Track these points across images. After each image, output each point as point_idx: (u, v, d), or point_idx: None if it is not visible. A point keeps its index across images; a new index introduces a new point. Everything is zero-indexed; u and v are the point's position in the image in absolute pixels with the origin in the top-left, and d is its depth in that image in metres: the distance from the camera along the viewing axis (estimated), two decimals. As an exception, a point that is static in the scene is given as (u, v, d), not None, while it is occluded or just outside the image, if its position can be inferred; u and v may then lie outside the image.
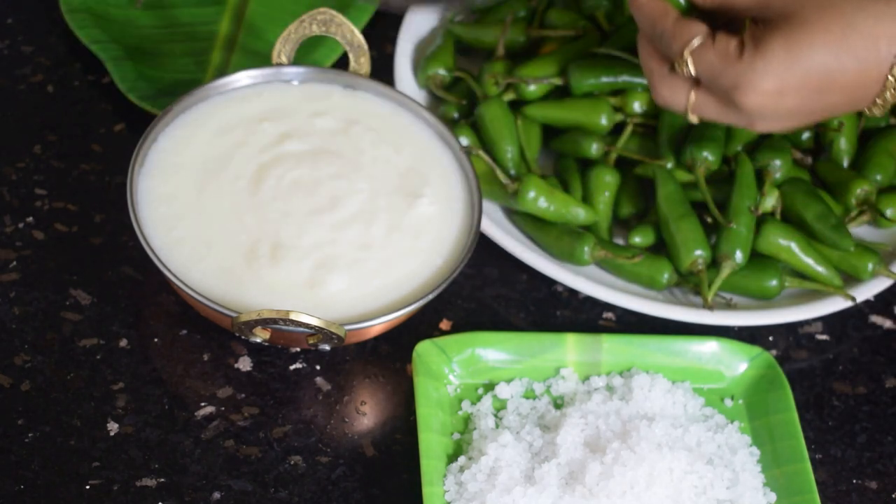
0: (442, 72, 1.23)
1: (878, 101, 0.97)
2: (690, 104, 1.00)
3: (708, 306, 1.11)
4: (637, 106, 1.19)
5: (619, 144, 1.18)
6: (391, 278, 1.06)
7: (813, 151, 1.23)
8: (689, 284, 1.14)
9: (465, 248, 1.08)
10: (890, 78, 0.95)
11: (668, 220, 1.14)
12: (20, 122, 1.21)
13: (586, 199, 1.17)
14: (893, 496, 1.07)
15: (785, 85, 0.95)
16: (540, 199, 1.14)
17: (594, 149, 1.18)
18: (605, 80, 1.19)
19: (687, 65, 0.98)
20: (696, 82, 1.00)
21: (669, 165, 1.17)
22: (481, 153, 1.14)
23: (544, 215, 1.14)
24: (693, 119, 1.01)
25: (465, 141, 1.18)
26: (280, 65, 1.14)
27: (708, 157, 1.15)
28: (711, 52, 0.97)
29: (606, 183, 1.17)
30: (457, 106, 1.22)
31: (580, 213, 1.15)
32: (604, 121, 1.18)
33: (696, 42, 0.97)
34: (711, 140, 1.15)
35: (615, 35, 1.21)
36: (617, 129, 1.20)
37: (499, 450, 1.02)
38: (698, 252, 1.12)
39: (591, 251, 1.13)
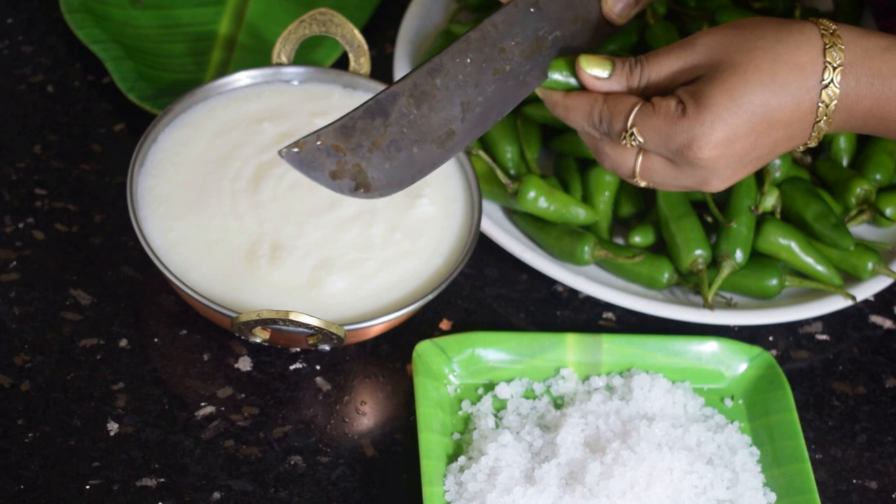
0: None
1: (814, 132, 0.97)
2: (639, 170, 0.99)
3: (708, 306, 1.11)
4: None
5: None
6: (391, 278, 1.06)
7: (813, 151, 1.23)
8: (689, 284, 1.14)
9: (464, 248, 1.08)
10: (820, 105, 0.96)
11: (668, 220, 1.14)
12: (20, 122, 1.21)
13: (586, 199, 1.17)
14: (893, 496, 1.07)
15: (734, 131, 0.95)
16: (540, 199, 1.14)
17: None
18: None
19: (633, 135, 0.97)
20: (643, 148, 0.99)
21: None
22: (481, 153, 1.14)
23: (544, 215, 1.14)
24: (642, 184, 1.00)
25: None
26: (280, 65, 1.14)
27: None
28: (654, 117, 0.96)
29: (606, 183, 1.17)
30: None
31: (580, 213, 1.15)
32: None
33: (636, 110, 0.97)
34: None
35: (614, 35, 1.21)
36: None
37: (499, 450, 1.02)
38: (698, 252, 1.12)
39: (591, 251, 1.14)
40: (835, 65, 0.95)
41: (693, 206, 1.16)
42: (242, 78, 1.14)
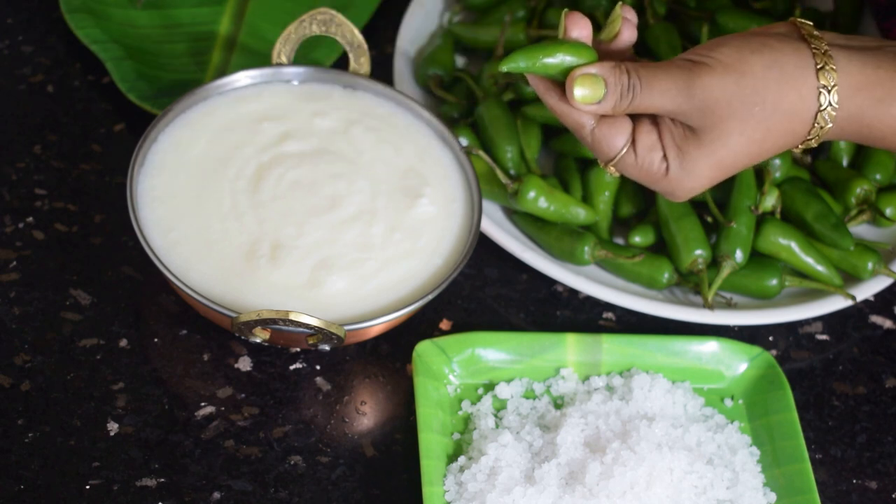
0: (441, 72, 1.23)
1: (800, 146, 0.97)
2: (614, 169, 0.98)
3: (708, 306, 1.11)
4: None
5: None
6: (391, 278, 1.06)
7: (813, 151, 1.23)
8: (689, 284, 1.14)
9: (464, 248, 1.08)
10: (815, 126, 0.94)
11: (668, 220, 1.14)
12: (20, 122, 1.21)
13: (586, 200, 1.17)
14: (893, 496, 1.07)
15: (713, 182, 0.96)
16: (540, 199, 1.14)
17: None
18: None
19: (614, 170, 0.97)
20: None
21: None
22: (481, 153, 1.14)
23: (544, 215, 1.14)
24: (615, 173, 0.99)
25: (464, 141, 1.18)
26: (280, 65, 1.14)
27: None
28: (635, 169, 0.96)
29: (606, 183, 1.17)
30: (457, 106, 1.22)
31: (580, 213, 1.15)
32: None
33: (618, 157, 0.96)
34: None
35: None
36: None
37: (499, 450, 1.02)
38: (699, 252, 1.12)
39: (591, 251, 1.13)
40: (829, 87, 0.93)
41: (693, 206, 1.16)
42: (242, 78, 1.14)
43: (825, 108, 0.93)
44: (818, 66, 0.93)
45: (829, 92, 0.93)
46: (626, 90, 0.94)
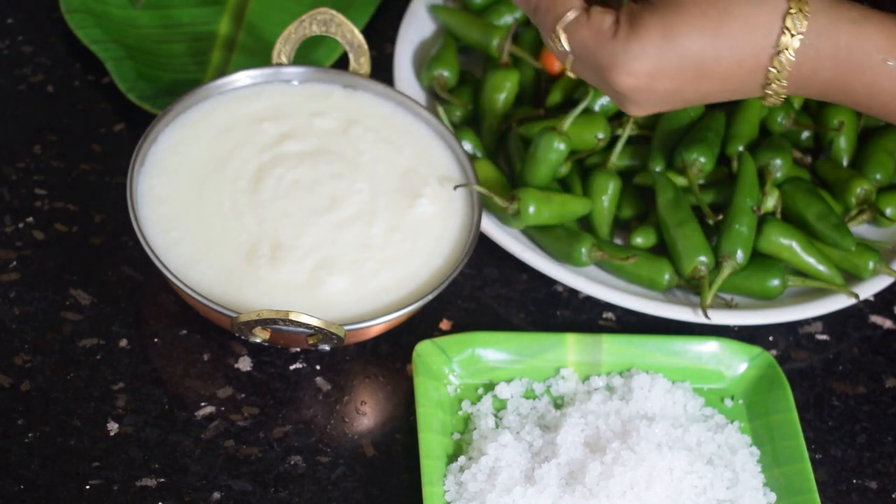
0: (446, 73, 1.23)
1: (768, 91, 0.93)
2: (568, 65, 0.96)
3: (704, 311, 1.11)
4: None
5: (614, 156, 1.17)
6: (391, 278, 1.06)
7: (813, 151, 1.23)
8: (690, 285, 1.14)
9: (464, 248, 1.08)
10: (772, 70, 0.92)
11: (668, 226, 1.14)
12: (20, 122, 1.21)
13: (586, 202, 1.17)
14: (893, 496, 1.07)
15: (658, 69, 0.92)
16: (542, 210, 1.13)
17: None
18: None
19: (559, 40, 0.94)
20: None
21: (658, 169, 1.17)
22: (476, 187, 1.12)
23: (548, 222, 1.14)
24: (573, 75, 0.98)
25: (468, 146, 1.18)
26: (280, 65, 1.14)
27: (700, 159, 1.15)
28: (585, 28, 0.93)
29: (607, 186, 1.16)
30: (460, 108, 1.22)
31: (578, 208, 1.15)
32: (600, 135, 1.18)
33: (569, 16, 0.93)
34: (703, 142, 1.16)
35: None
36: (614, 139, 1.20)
37: (499, 450, 1.02)
38: (701, 258, 1.12)
39: (588, 252, 1.13)
40: (794, 32, 0.91)
41: (695, 211, 1.16)
42: (242, 78, 1.14)
43: (794, 12, 0.90)
44: (790, 10, 0.91)
45: (792, 36, 0.90)
46: None
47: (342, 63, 1.20)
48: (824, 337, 1.16)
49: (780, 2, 0.91)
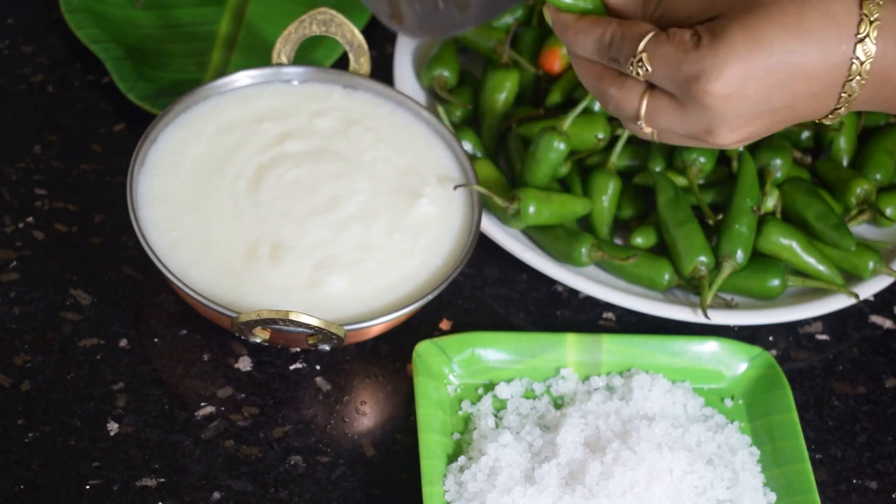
0: (446, 73, 1.23)
1: (841, 99, 0.90)
2: (644, 110, 0.92)
3: (704, 311, 1.11)
4: None
5: (614, 156, 1.17)
6: (391, 278, 1.06)
7: (813, 151, 1.23)
8: (690, 285, 1.14)
9: (464, 248, 1.08)
10: (854, 62, 0.88)
11: (668, 226, 1.14)
12: (20, 122, 1.21)
13: (587, 203, 1.17)
14: (893, 496, 1.07)
15: (749, 70, 0.88)
16: (542, 210, 1.13)
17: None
18: None
19: (642, 62, 0.90)
20: (650, 87, 0.92)
21: (658, 168, 1.17)
22: (476, 187, 1.12)
23: (547, 223, 1.14)
24: (646, 130, 0.93)
25: (468, 146, 1.18)
26: (280, 65, 1.14)
27: (700, 159, 1.16)
28: (666, 44, 0.89)
29: (607, 186, 1.16)
30: (460, 108, 1.22)
31: (578, 208, 1.15)
32: (600, 135, 1.18)
33: (649, 36, 0.90)
34: None
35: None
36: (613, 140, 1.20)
37: (499, 450, 1.02)
38: (701, 258, 1.12)
39: (588, 252, 1.13)
40: (871, 18, 0.87)
41: (695, 211, 1.16)
42: (242, 78, 1.14)
43: (864, 38, 0.87)
44: None
45: (870, 23, 0.88)
46: None
47: (342, 63, 1.20)
48: (824, 337, 1.16)
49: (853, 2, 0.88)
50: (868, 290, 1.15)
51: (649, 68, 0.90)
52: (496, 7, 0.92)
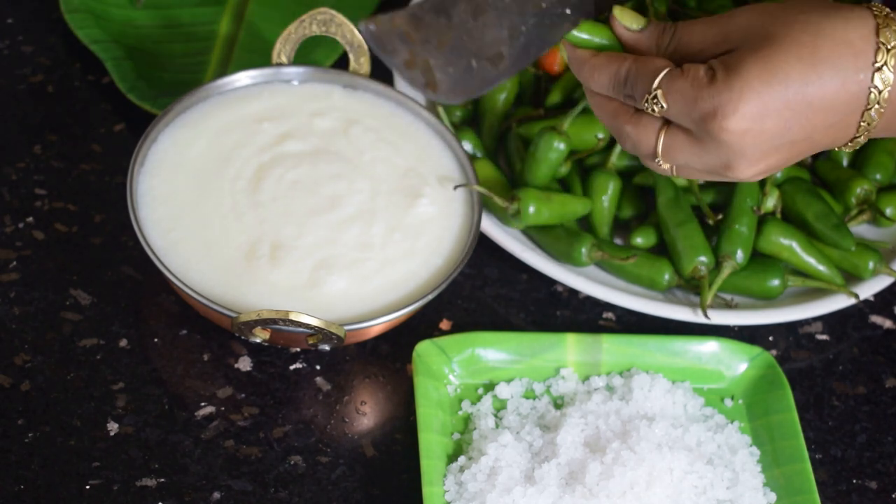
0: None
1: (861, 128, 0.89)
2: (661, 147, 0.91)
3: (704, 311, 1.11)
4: None
5: (614, 156, 1.17)
6: (391, 278, 1.06)
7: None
8: (690, 285, 1.14)
9: (464, 248, 1.08)
10: (872, 91, 0.87)
11: (668, 226, 1.14)
12: (20, 122, 1.21)
13: (587, 203, 1.17)
14: (893, 496, 1.07)
15: (765, 105, 0.87)
16: (542, 210, 1.13)
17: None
18: None
19: (657, 99, 0.89)
20: (667, 123, 0.91)
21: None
22: (476, 187, 1.12)
23: (548, 222, 1.14)
24: (664, 166, 0.92)
25: (468, 146, 1.18)
26: (280, 65, 1.14)
27: None
28: (681, 80, 0.88)
29: (607, 186, 1.16)
30: (460, 108, 1.22)
31: (578, 208, 1.15)
32: (600, 135, 1.18)
33: (664, 73, 0.89)
34: None
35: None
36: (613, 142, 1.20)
37: (499, 450, 1.02)
38: (701, 258, 1.12)
39: (588, 252, 1.13)
40: (889, 46, 0.86)
41: (695, 211, 1.16)
42: (242, 78, 1.14)
43: (881, 66, 0.86)
44: (880, 25, 0.87)
45: (887, 52, 0.86)
46: (667, 26, 0.91)
47: (342, 63, 1.20)
48: (824, 337, 1.16)
49: (869, 18, 0.87)
50: (868, 290, 1.15)
51: (665, 105, 0.89)
52: (528, 56, 0.92)
